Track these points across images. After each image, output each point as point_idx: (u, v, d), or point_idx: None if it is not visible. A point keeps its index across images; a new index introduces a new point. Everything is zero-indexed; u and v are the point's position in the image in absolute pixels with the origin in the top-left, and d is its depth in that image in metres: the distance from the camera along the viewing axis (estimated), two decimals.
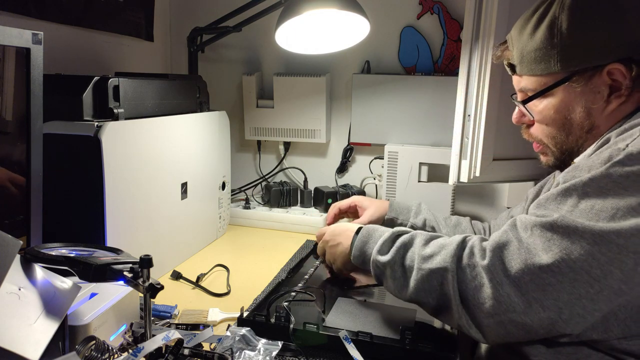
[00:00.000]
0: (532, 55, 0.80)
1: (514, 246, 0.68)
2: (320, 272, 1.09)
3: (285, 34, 1.27)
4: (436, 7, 1.47)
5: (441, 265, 0.72)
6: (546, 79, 0.80)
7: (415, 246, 0.78)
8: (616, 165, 0.64)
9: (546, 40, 0.78)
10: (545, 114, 0.82)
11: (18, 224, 0.79)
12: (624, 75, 0.74)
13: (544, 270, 0.64)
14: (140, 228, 1.04)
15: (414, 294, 0.76)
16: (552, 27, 0.77)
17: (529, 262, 0.65)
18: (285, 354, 0.78)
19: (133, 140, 1.00)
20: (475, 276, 0.69)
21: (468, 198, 1.51)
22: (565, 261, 0.63)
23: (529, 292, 0.65)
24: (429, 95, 1.47)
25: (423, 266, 0.74)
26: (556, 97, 0.80)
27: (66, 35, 1.25)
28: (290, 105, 1.58)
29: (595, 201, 0.64)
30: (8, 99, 0.76)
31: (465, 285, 0.70)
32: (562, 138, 0.82)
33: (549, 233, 0.65)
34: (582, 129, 0.79)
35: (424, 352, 0.76)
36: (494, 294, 0.66)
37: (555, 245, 0.64)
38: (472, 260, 0.70)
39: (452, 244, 0.74)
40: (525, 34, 0.81)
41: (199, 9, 1.66)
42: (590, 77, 0.76)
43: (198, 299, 1.03)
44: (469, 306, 0.69)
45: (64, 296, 0.67)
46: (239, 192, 1.65)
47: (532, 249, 0.66)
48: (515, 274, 0.66)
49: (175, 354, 0.68)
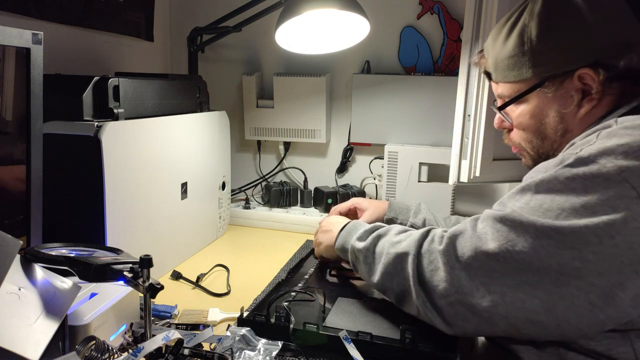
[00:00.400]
0: (505, 62, 0.83)
1: (467, 234, 0.73)
2: (320, 272, 1.09)
3: (285, 34, 1.27)
4: (436, 7, 1.47)
5: (404, 250, 0.79)
6: (520, 86, 0.83)
7: (388, 235, 0.85)
8: (565, 167, 0.68)
9: (517, 48, 0.81)
10: (521, 120, 0.86)
11: (18, 224, 0.79)
12: (594, 80, 0.76)
13: (490, 258, 0.69)
14: (140, 228, 1.04)
15: (380, 279, 0.82)
16: (522, 35, 0.80)
17: (478, 249, 0.70)
18: (285, 354, 0.78)
19: (133, 140, 1.00)
20: (432, 260, 0.75)
21: (468, 198, 1.51)
22: (510, 251, 0.67)
23: (477, 276, 0.70)
24: (429, 95, 1.47)
25: (390, 251, 0.81)
26: (530, 103, 0.83)
27: (66, 35, 1.25)
28: (290, 105, 1.58)
29: (544, 200, 0.68)
30: (8, 99, 0.76)
31: (423, 268, 0.76)
32: (538, 142, 0.86)
33: (499, 224, 0.70)
34: (556, 133, 0.83)
35: (424, 352, 0.76)
36: (447, 276, 0.72)
37: (503, 236, 0.69)
38: (431, 247, 0.76)
39: (418, 232, 0.80)
40: (499, 42, 0.85)
41: (199, 9, 1.66)
42: (562, 82, 0.79)
43: (198, 299, 1.03)
44: (426, 288, 0.75)
45: (64, 296, 0.67)
46: (239, 192, 1.65)
47: (482, 237, 0.71)
48: (467, 259, 0.71)
49: (175, 354, 0.68)
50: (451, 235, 0.75)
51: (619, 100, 0.77)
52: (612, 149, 0.66)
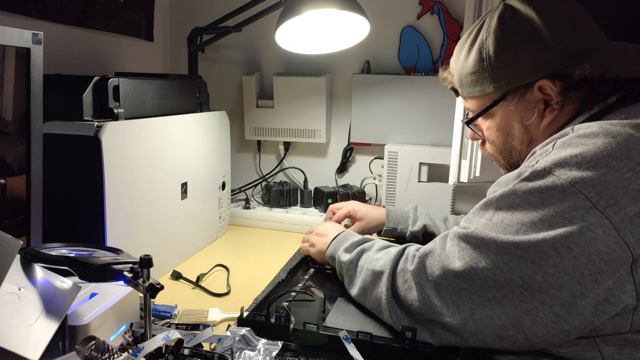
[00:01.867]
0: (468, 78, 0.86)
1: (436, 253, 0.76)
2: (320, 272, 1.09)
3: (285, 34, 1.27)
4: (436, 7, 1.47)
5: (380, 269, 0.82)
6: (484, 100, 0.85)
7: (370, 251, 0.89)
8: (522, 181, 0.69)
9: (477, 64, 0.83)
10: (489, 133, 0.89)
11: (18, 224, 0.79)
12: (554, 90, 0.78)
13: (457, 276, 0.71)
14: (140, 228, 1.04)
15: (357, 292, 0.88)
16: (481, 51, 0.82)
17: (445, 268, 0.73)
18: (285, 354, 0.78)
19: (133, 140, 1.00)
20: (406, 280, 0.78)
21: (468, 198, 1.51)
22: (474, 269, 0.70)
23: (447, 294, 0.72)
24: (429, 95, 1.47)
25: (368, 267, 0.85)
26: (496, 116, 0.86)
27: (66, 35, 1.25)
28: (290, 105, 1.58)
29: (505, 215, 0.70)
30: (8, 99, 0.76)
31: (397, 287, 0.79)
32: (507, 153, 0.88)
33: (463, 243, 0.72)
34: (522, 143, 0.85)
35: (424, 352, 0.76)
36: (419, 296, 0.75)
37: (467, 255, 0.71)
38: (405, 266, 0.79)
39: (395, 251, 0.84)
40: (461, 59, 0.87)
41: (199, 9, 1.66)
42: (523, 95, 0.81)
43: (198, 299, 1.03)
44: (402, 306, 0.78)
45: (64, 296, 0.67)
46: (239, 192, 1.65)
47: (450, 256, 0.73)
48: (436, 279, 0.74)
49: (175, 354, 0.68)
50: (421, 255, 0.77)
51: (579, 108, 0.78)
52: (566, 160, 0.67)
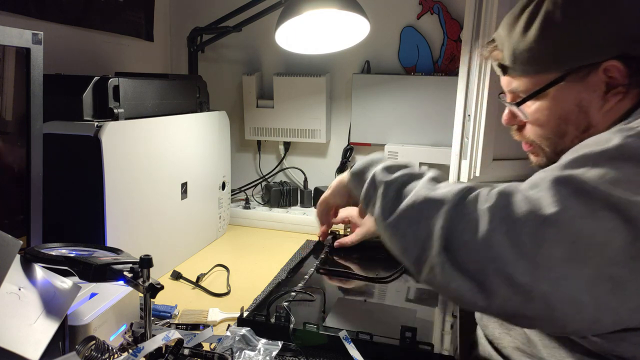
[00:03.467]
0: (525, 55, 0.76)
1: (520, 195, 0.62)
2: (320, 272, 1.09)
3: (285, 34, 1.27)
4: (436, 7, 1.47)
5: (441, 197, 0.66)
6: (539, 79, 0.76)
7: (422, 180, 0.72)
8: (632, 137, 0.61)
9: (539, 39, 0.74)
10: (538, 116, 0.78)
11: (18, 224, 0.79)
12: (621, 72, 0.71)
13: (547, 224, 0.58)
14: (140, 228, 1.04)
15: (396, 219, 0.69)
16: (545, 25, 0.73)
17: (533, 212, 0.59)
18: (285, 354, 0.78)
19: (133, 140, 1.00)
20: (473, 218, 0.62)
21: None
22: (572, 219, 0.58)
23: (525, 243, 0.58)
24: (429, 95, 1.47)
25: (421, 192, 0.68)
26: (550, 98, 0.76)
27: (66, 35, 1.25)
28: (290, 105, 1.58)
29: (608, 170, 0.59)
30: (8, 99, 0.76)
31: (456, 224, 0.63)
32: (557, 139, 0.78)
33: (563, 189, 0.60)
34: (578, 128, 0.76)
35: (424, 352, 0.76)
36: (488, 239, 0.60)
37: (566, 202, 0.59)
38: (475, 203, 0.64)
39: (461, 185, 0.68)
40: (516, 34, 0.77)
41: (199, 9, 1.66)
42: (586, 76, 0.73)
43: (198, 299, 1.03)
44: (454, 248, 0.62)
45: (64, 296, 0.67)
46: (239, 192, 1.65)
47: (540, 200, 0.60)
48: (516, 224, 0.60)
49: (175, 354, 0.68)
50: (502, 192, 0.64)
51: None
52: None
